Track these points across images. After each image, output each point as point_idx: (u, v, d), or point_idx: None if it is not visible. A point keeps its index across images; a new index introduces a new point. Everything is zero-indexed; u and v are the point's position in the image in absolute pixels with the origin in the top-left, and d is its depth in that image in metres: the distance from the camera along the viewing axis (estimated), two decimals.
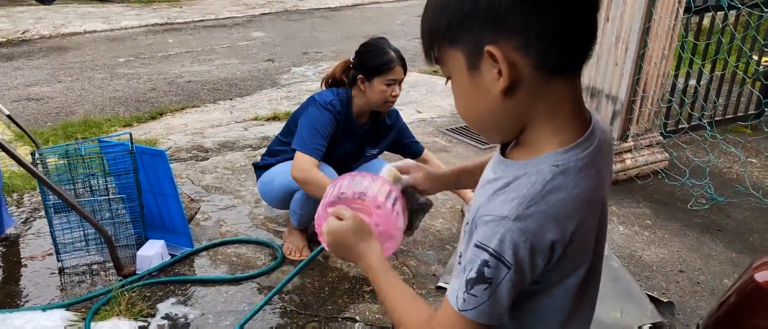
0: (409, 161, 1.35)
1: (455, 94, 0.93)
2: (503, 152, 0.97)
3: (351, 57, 2.80)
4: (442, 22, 0.88)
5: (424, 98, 5.64)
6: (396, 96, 2.73)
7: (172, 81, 6.25)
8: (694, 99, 4.55)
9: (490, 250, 0.85)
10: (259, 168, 2.95)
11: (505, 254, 0.84)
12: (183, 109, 5.33)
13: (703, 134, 4.12)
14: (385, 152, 3.11)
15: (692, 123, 4.35)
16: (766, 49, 4.72)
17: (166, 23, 9.28)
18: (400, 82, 2.72)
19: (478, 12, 0.82)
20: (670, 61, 3.78)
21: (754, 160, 4.24)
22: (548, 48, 0.82)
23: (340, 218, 1.12)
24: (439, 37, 0.89)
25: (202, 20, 9.54)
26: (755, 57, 5.05)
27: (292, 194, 2.76)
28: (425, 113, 5.18)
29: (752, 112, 4.99)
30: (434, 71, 6.68)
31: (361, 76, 2.69)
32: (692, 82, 4.53)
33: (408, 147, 3.06)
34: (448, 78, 0.93)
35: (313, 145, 2.63)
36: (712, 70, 4.56)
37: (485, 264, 0.85)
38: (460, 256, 1.02)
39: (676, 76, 4.24)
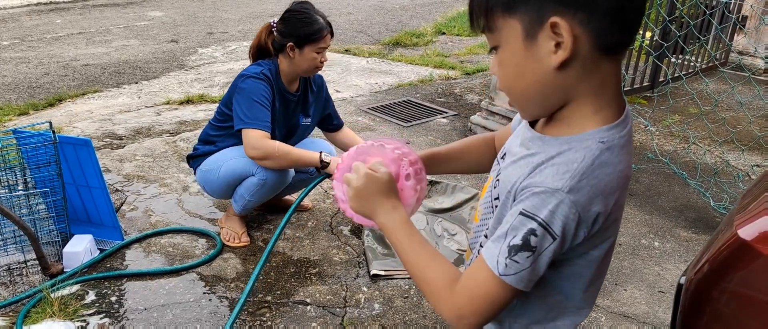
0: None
1: (503, 65, 0.92)
2: (532, 126, 0.98)
3: (272, 21, 2.73)
4: None
5: (341, 78, 5.62)
6: (324, 62, 2.71)
7: (66, 65, 5.83)
8: None
9: (539, 220, 0.86)
10: (195, 158, 2.82)
11: (553, 225, 0.86)
12: (84, 94, 4.99)
13: None
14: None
15: None
16: (651, 25, 5.09)
17: (51, 2, 8.62)
18: (327, 48, 2.71)
19: None
20: None
21: (653, 129, 4.58)
22: (609, 27, 0.84)
23: (373, 171, 1.09)
24: (498, 4, 0.88)
25: None
26: (642, 32, 5.44)
27: (240, 181, 2.68)
28: (344, 93, 5.17)
29: (646, 84, 5.38)
30: (346, 50, 6.66)
31: (290, 44, 2.63)
32: None
33: (331, 119, 3.02)
34: (494, 48, 0.93)
35: (257, 118, 2.55)
36: None
37: (532, 232, 0.87)
38: (487, 228, 1.03)
39: None
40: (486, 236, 1.02)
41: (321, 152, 2.59)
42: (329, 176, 2.07)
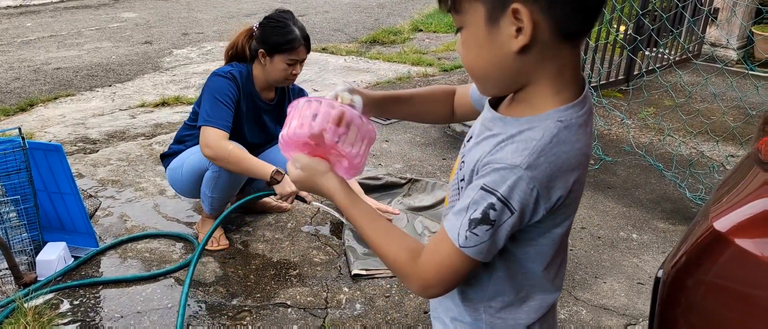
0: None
1: (465, 45, 0.95)
2: (495, 109, 1.01)
3: (254, 24, 2.69)
4: None
5: (318, 77, 5.59)
6: (296, 75, 2.68)
7: (37, 69, 5.72)
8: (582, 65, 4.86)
9: (498, 195, 0.89)
10: (167, 157, 2.79)
11: (512, 200, 0.89)
12: (56, 98, 4.90)
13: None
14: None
15: None
16: (625, 19, 5.14)
17: (21, 6, 8.45)
18: (301, 62, 2.67)
19: None
20: None
21: (628, 121, 4.62)
22: (570, 15, 0.87)
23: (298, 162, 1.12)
24: None
25: (62, 0, 8.77)
26: (616, 26, 5.49)
27: (202, 177, 2.64)
28: (322, 92, 5.14)
29: (621, 77, 5.43)
30: (324, 49, 6.63)
31: (262, 50, 2.60)
32: None
33: None
34: (459, 29, 0.95)
35: (217, 116, 2.52)
36: (595, 40, 4.90)
37: (491, 206, 0.90)
38: (452, 202, 1.05)
39: None
40: (453, 207, 1.04)
41: (275, 169, 2.52)
42: (274, 193, 2.13)
